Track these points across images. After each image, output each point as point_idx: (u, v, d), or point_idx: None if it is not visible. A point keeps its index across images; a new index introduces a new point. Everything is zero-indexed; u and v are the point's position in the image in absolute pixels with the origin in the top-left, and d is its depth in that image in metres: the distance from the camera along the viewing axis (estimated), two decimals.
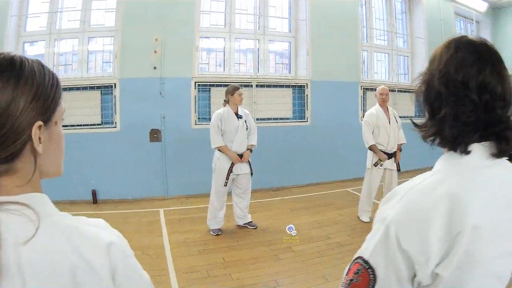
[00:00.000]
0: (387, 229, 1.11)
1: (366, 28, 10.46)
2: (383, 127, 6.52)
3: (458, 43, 1.20)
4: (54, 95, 0.96)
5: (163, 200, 7.75)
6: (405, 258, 1.07)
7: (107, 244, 0.91)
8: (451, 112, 1.13)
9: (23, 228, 0.84)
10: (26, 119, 0.88)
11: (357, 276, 1.14)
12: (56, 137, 0.98)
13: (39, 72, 0.94)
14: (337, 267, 4.80)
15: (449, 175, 1.14)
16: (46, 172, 0.97)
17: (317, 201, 7.84)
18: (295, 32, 9.46)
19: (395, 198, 1.16)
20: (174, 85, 7.86)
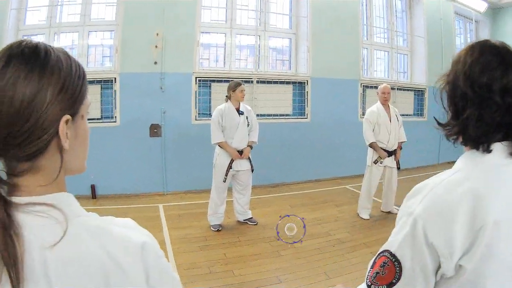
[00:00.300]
0: (414, 223, 1.15)
1: (366, 26, 10.47)
2: (384, 125, 6.53)
3: (482, 46, 1.23)
4: (81, 86, 0.90)
5: (162, 196, 7.74)
6: (431, 251, 1.12)
7: (140, 245, 0.86)
8: (476, 113, 1.17)
9: (50, 230, 0.79)
10: (53, 112, 0.82)
11: (383, 269, 1.19)
12: (82, 132, 0.93)
13: (65, 62, 0.88)
14: (338, 264, 4.83)
15: (472, 173, 1.18)
16: (69, 169, 0.91)
17: (317, 198, 7.86)
18: (296, 28, 9.46)
19: (421, 193, 1.19)
20: (175, 80, 7.84)
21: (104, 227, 0.86)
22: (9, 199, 0.79)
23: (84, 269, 0.79)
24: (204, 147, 6.79)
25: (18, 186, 0.83)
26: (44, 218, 0.80)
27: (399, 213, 1.25)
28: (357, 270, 4.60)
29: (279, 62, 9.61)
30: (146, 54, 7.59)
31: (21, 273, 0.73)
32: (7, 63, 0.81)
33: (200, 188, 7.75)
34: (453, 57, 1.31)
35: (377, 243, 5.49)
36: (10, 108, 0.78)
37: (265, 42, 9.10)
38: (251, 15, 9.01)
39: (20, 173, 0.83)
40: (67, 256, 0.78)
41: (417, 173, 9.93)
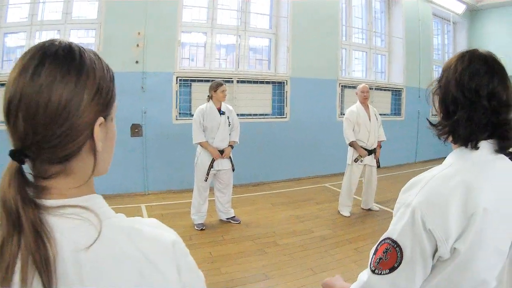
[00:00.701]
0: (413, 212, 1.29)
1: (345, 26, 10.58)
2: (364, 124, 6.64)
3: (471, 55, 1.39)
4: (113, 89, 0.91)
5: (144, 196, 7.70)
6: (429, 236, 1.26)
7: (171, 243, 0.88)
8: (465, 114, 1.33)
9: (83, 232, 0.79)
10: (89, 115, 0.82)
11: (386, 255, 1.33)
12: (111, 134, 0.93)
13: (98, 64, 0.87)
14: (323, 260, 4.91)
15: (462, 167, 1.34)
16: (97, 170, 0.90)
17: (297, 196, 7.93)
18: (276, 29, 9.51)
19: (416, 187, 1.34)
20: (156, 79, 7.80)
21: (136, 227, 0.86)
22: (39, 202, 0.79)
23: (120, 270, 0.80)
24: (185, 147, 6.80)
25: (49, 189, 0.82)
26: (77, 220, 0.80)
27: (396, 205, 1.38)
28: (341, 266, 4.70)
29: (259, 62, 9.65)
30: (127, 53, 7.53)
31: (53, 276, 0.73)
32: (41, 63, 0.79)
33: (182, 187, 7.74)
34: (444, 64, 1.47)
35: (359, 239, 5.61)
36: (46, 111, 0.77)
37: (246, 42, 9.13)
38: (232, 15, 9.03)
39: (51, 175, 0.82)
40: (102, 258, 0.78)
41: (395, 171, 10.10)
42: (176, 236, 0.92)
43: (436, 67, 12.58)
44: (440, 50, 13.37)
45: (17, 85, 0.78)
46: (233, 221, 6.23)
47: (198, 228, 5.92)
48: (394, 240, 1.32)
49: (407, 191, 1.37)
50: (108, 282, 0.78)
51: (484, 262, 1.31)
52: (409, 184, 1.38)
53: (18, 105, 0.78)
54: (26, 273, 0.72)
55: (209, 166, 5.93)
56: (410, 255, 1.29)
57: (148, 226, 0.89)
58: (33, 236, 0.73)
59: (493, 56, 1.39)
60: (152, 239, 0.86)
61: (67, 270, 0.75)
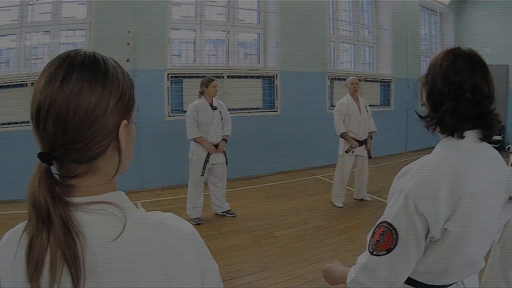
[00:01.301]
0: (406, 197, 1.42)
1: (333, 19, 10.64)
2: (354, 115, 6.73)
3: (455, 53, 1.53)
4: (133, 93, 0.97)
5: (139, 193, 7.72)
6: (421, 219, 1.40)
7: (190, 234, 0.94)
8: (451, 107, 1.48)
9: (110, 226, 0.84)
10: (115, 118, 0.89)
11: (383, 237, 1.46)
12: (132, 134, 0.99)
13: (120, 70, 0.94)
14: (319, 250, 5.03)
15: (450, 155, 1.48)
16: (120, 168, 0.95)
17: (290, 189, 8.03)
18: (264, 23, 9.56)
19: (408, 173, 1.49)
20: (147, 77, 7.81)
21: (158, 220, 0.92)
22: (68, 200, 0.84)
23: (146, 260, 0.85)
24: (178, 143, 6.84)
25: (77, 187, 0.88)
26: (104, 215, 0.86)
27: (391, 191, 1.53)
28: (336, 255, 4.78)
29: (248, 57, 9.70)
30: (118, 51, 7.51)
31: (81, 269, 0.78)
32: (70, 73, 0.85)
33: (176, 183, 7.78)
34: (430, 61, 1.62)
35: (352, 228, 5.72)
36: (75, 116, 0.83)
37: (234, 37, 9.17)
38: (220, 10, 9.07)
39: (79, 174, 0.88)
40: (129, 250, 0.84)
41: (387, 161, 10.20)
42: (193, 227, 0.97)
43: (424, 58, 12.66)
44: (428, 41, 13.45)
45: (46, 93, 0.84)
46: (229, 215, 6.31)
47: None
48: (390, 223, 1.45)
49: (400, 178, 1.52)
50: (136, 273, 0.84)
51: (473, 243, 1.47)
52: (402, 172, 1.53)
53: (48, 110, 0.83)
54: (55, 267, 0.77)
55: (205, 161, 6.00)
56: (405, 237, 1.42)
57: (169, 218, 0.95)
58: (63, 232, 0.79)
59: (475, 54, 1.54)
60: (174, 231, 0.92)
61: (96, 263, 0.81)
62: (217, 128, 6.08)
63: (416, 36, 12.23)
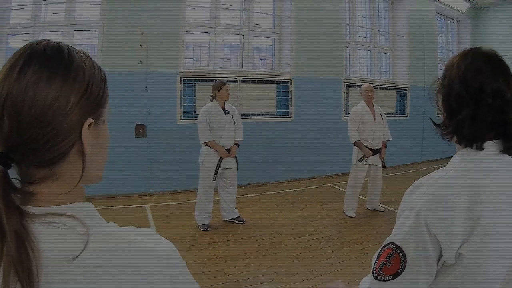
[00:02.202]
0: (417, 216, 1.25)
1: (349, 25, 10.53)
2: (368, 123, 6.59)
3: (474, 53, 1.35)
4: (104, 90, 0.86)
5: (149, 196, 7.68)
6: (433, 241, 1.22)
7: (166, 256, 0.82)
8: (470, 113, 1.29)
9: (70, 242, 0.73)
10: (76, 116, 0.78)
11: (389, 260, 1.29)
12: (103, 138, 0.89)
13: (88, 63, 0.84)
14: (328, 261, 4.87)
15: (468, 169, 1.30)
16: (87, 177, 0.86)
17: (302, 197, 7.90)
18: (279, 28, 9.48)
19: (421, 188, 1.30)
20: (160, 79, 7.78)
21: (128, 237, 0.81)
22: (24, 209, 0.74)
23: (108, 282, 0.74)
24: (189, 147, 6.77)
25: (35, 195, 0.78)
26: (63, 230, 0.74)
27: (400, 207, 1.34)
28: (346, 267, 4.66)
29: (263, 62, 9.62)
30: (131, 53, 7.52)
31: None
32: (28, 62, 0.76)
33: (186, 188, 7.72)
34: (447, 63, 1.43)
35: (364, 239, 5.57)
36: (31, 110, 0.74)
37: (249, 41, 9.10)
38: (235, 14, 9.01)
39: (38, 180, 0.78)
40: (89, 270, 0.73)
41: (401, 171, 10.04)
42: (172, 248, 0.86)
43: (440, 66, 12.49)
44: (445, 49, 13.29)
45: (4, 85, 0.75)
46: (238, 222, 6.21)
47: (202, 229, 5.90)
48: (398, 245, 1.28)
49: (412, 192, 1.34)
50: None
51: (490, 267, 1.28)
52: (414, 186, 1.35)
53: (4, 104, 0.74)
54: (8, 284, 0.67)
55: (217, 165, 5.92)
56: (414, 261, 1.25)
57: (142, 236, 0.83)
58: (15, 246, 0.69)
59: (497, 54, 1.36)
60: (147, 251, 0.80)
61: (52, 282, 0.70)
62: (230, 132, 6.00)
63: (433, 43, 12.09)
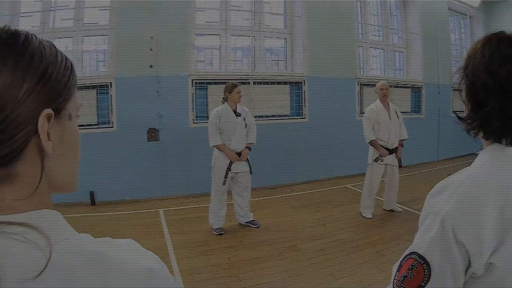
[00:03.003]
0: (442, 222, 1.10)
1: (361, 24, 10.42)
2: (384, 122, 6.48)
3: (499, 39, 1.23)
4: (68, 79, 0.75)
5: (162, 201, 7.64)
6: (461, 250, 1.08)
7: (145, 272, 0.70)
8: (498, 104, 1.14)
9: (29, 258, 0.61)
10: (30, 106, 0.66)
11: (412, 272, 1.15)
12: (71, 135, 0.76)
13: (49, 49, 0.73)
14: (344, 264, 4.75)
15: (497, 167, 1.16)
16: (56, 183, 0.75)
17: (317, 198, 7.79)
18: (291, 28, 9.39)
19: (446, 191, 1.15)
20: (171, 83, 7.75)
21: (100, 252, 0.68)
22: None
23: None
24: (202, 150, 6.70)
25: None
26: (21, 243, 0.62)
27: (423, 212, 1.20)
28: (363, 270, 4.54)
29: (275, 63, 9.54)
30: (141, 57, 7.50)
31: None
32: None
33: (200, 191, 7.68)
34: (469, 50, 1.29)
35: (381, 242, 5.45)
36: None
37: (261, 42, 9.03)
38: (245, 15, 8.95)
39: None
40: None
41: (417, 170, 9.90)
42: (155, 263, 0.73)
43: (454, 63, 12.35)
44: (458, 45, 13.12)
45: None
46: (252, 225, 6.12)
47: (216, 232, 5.83)
48: (421, 255, 1.14)
49: (435, 196, 1.19)
50: None
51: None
52: (437, 189, 1.20)
53: None
54: None
55: (227, 169, 5.84)
56: (439, 272, 1.11)
57: (119, 250, 0.71)
58: None
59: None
60: (120, 267, 0.68)
61: None
62: (240, 135, 5.90)
63: (446, 40, 11.96)
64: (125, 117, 7.55)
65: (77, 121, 0.79)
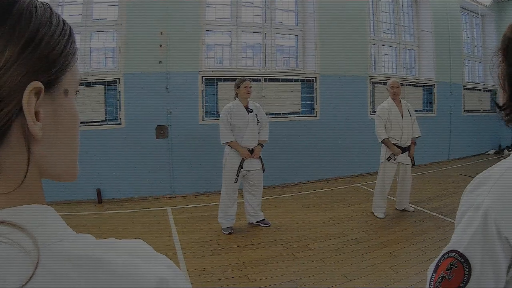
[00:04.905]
0: (485, 217, 1.00)
1: (373, 21, 10.29)
2: (396, 121, 6.35)
3: None
4: (65, 46, 0.61)
5: (170, 199, 7.56)
6: (504, 247, 0.98)
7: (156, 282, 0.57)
8: None
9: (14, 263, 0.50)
10: (14, 77, 0.53)
11: (450, 272, 1.05)
12: (67, 115, 0.62)
13: (42, 11, 0.58)
14: (357, 265, 4.62)
15: None
16: (49, 172, 0.62)
17: (329, 197, 7.67)
18: (303, 25, 9.27)
19: (487, 184, 1.05)
20: (181, 79, 7.66)
21: (99, 258, 0.55)
22: None
23: None
24: (212, 148, 6.62)
25: None
26: (4, 245, 0.50)
27: (460, 208, 1.10)
28: (377, 271, 4.42)
29: (287, 60, 9.43)
30: (150, 53, 7.42)
31: None
32: None
33: (209, 190, 7.59)
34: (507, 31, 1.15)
35: (394, 242, 5.33)
36: None
37: (272, 39, 8.91)
38: (256, 12, 8.84)
39: None
40: None
41: (428, 169, 9.75)
42: (168, 270, 0.61)
43: (466, 62, 12.20)
44: (470, 44, 12.95)
45: None
46: (263, 225, 6.00)
47: (225, 232, 5.72)
48: (461, 254, 1.04)
49: (474, 190, 1.09)
50: None
51: None
52: (476, 182, 1.10)
53: None
54: None
55: (239, 167, 5.72)
56: (480, 272, 1.01)
57: (123, 254, 0.58)
58: None
59: None
60: (126, 278, 0.55)
61: None
62: (252, 132, 5.78)
63: (458, 38, 11.83)
64: (134, 114, 7.46)
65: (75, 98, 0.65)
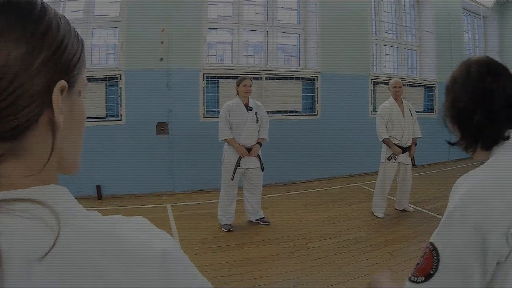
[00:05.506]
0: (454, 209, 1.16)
1: (375, 21, 10.29)
2: (397, 120, 6.35)
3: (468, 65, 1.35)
4: (81, 52, 0.72)
5: (170, 195, 7.57)
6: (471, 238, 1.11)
7: (160, 253, 0.64)
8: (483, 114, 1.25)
9: (36, 236, 0.56)
10: (45, 77, 0.62)
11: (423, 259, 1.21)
12: (79, 113, 0.72)
13: (65, 22, 0.69)
14: (356, 264, 4.63)
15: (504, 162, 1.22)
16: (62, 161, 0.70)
17: (329, 197, 7.68)
18: (304, 24, 9.28)
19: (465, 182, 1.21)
20: (182, 77, 7.67)
21: (111, 231, 0.63)
22: None
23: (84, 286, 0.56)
24: (213, 145, 6.61)
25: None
26: (28, 220, 0.57)
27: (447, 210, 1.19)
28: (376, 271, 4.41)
29: (288, 58, 9.43)
30: (151, 50, 7.43)
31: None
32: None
33: (209, 187, 7.58)
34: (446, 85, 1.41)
35: (394, 242, 5.33)
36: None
37: (273, 37, 8.91)
38: (258, 10, 8.84)
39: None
40: (62, 272, 0.55)
41: (429, 170, 9.75)
42: (169, 243, 0.67)
43: None
44: (471, 46, 12.96)
45: None
46: (262, 223, 6.00)
47: (225, 229, 5.72)
48: (432, 243, 1.19)
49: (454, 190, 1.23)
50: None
51: None
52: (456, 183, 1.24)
53: None
54: None
55: (236, 164, 5.71)
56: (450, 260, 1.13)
57: (130, 229, 0.66)
58: None
59: (491, 59, 1.35)
60: (133, 248, 0.62)
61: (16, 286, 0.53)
62: (251, 130, 5.77)
63: (460, 39, 11.84)
64: (134, 110, 7.47)
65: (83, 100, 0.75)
